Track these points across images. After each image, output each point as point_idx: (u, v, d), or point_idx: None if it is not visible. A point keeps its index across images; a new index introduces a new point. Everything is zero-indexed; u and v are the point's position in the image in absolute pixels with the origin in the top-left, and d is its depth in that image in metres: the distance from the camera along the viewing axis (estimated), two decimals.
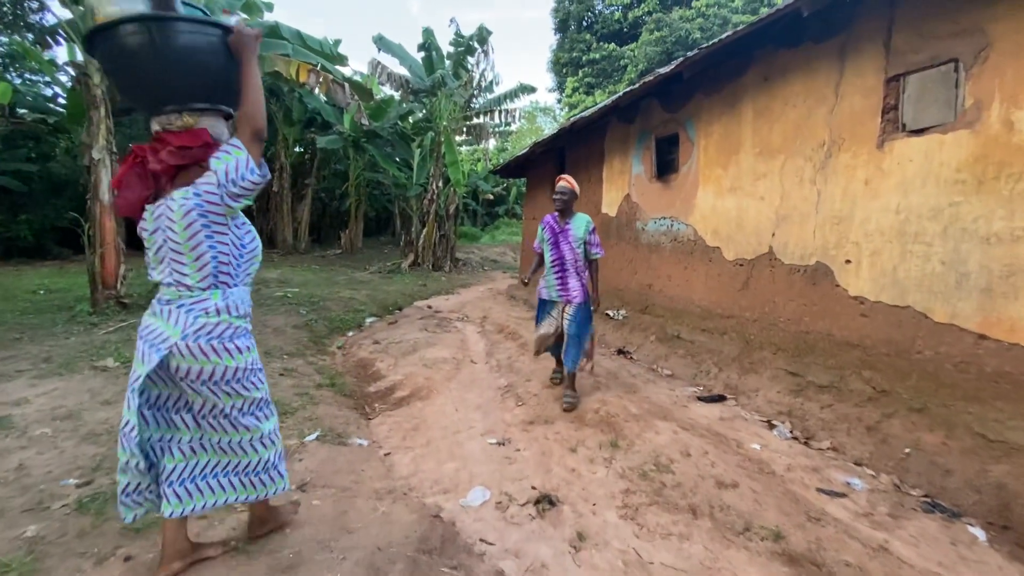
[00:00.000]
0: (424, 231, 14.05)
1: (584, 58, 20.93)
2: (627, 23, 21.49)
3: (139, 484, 1.71)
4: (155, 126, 1.64)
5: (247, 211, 1.77)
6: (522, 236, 10.59)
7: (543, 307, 3.91)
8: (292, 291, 8.17)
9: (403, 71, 11.74)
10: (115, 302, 6.41)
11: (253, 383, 1.75)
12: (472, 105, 12.89)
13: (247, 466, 1.79)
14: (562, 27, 22.91)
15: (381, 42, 11.53)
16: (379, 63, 11.17)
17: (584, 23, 22.40)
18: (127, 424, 1.61)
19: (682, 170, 5.22)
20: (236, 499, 1.81)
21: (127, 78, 1.63)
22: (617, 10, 21.10)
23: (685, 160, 5.18)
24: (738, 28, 3.83)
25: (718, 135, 4.72)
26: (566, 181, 3.76)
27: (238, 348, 1.70)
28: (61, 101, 12.94)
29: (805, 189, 3.83)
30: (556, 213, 3.80)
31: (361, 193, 16.64)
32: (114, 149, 6.53)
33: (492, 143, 16.06)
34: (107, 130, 6.44)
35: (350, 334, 6.44)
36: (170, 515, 1.69)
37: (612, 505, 2.50)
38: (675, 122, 5.33)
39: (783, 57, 4.02)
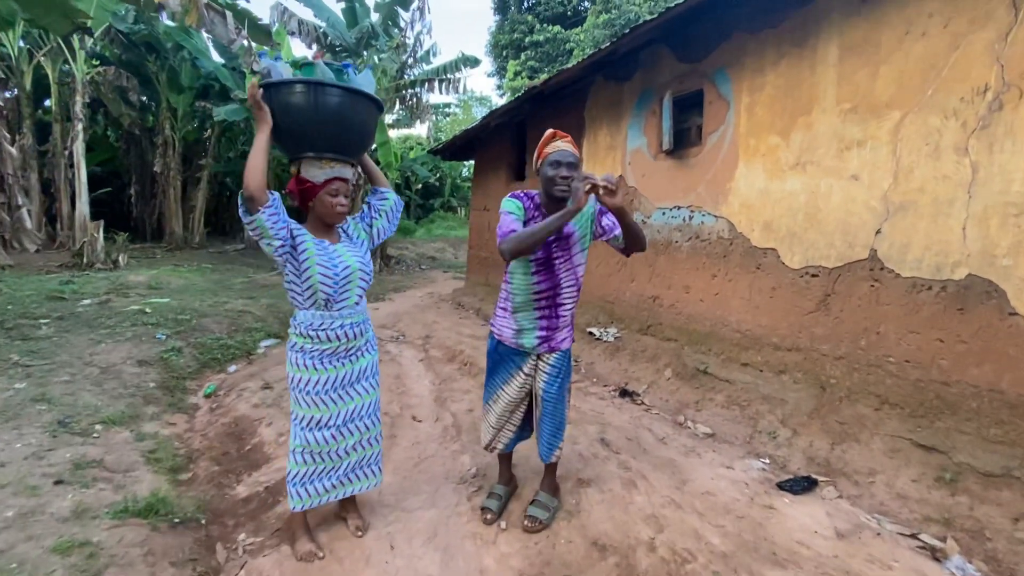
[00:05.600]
0: None
1: (527, 40, 19.51)
2: (570, 6, 20.39)
3: None
4: None
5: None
6: (469, 231, 8.87)
7: (502, 359, 2.17)
8: (157, 302, 5.95)
9: (320, 23, 9.50)
10: None
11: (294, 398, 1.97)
12: (406, 75, 10.88)
13: None
14: (502, 8, 21.51)
15: None
16: (285, 9, 8.88)
17: (525, 3, 21.08)
18: None
19: (709, 141, 3.78)
20: None
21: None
22: None
23: (714, 127, 3.74)
24: None
25: (773, 88, 3.31)
26: (568, 142, 2.02)
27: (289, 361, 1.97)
28: None
29: (945, 161, 2.48)
30: (533, 197, 2.09)
31: (268, 177, 14.04)
32: None
33: (428, 124, 14.08)
34: None
35: (232, 369, 4.47)
36: None
37: None
38: (698, 74, 3.87)
39: None
